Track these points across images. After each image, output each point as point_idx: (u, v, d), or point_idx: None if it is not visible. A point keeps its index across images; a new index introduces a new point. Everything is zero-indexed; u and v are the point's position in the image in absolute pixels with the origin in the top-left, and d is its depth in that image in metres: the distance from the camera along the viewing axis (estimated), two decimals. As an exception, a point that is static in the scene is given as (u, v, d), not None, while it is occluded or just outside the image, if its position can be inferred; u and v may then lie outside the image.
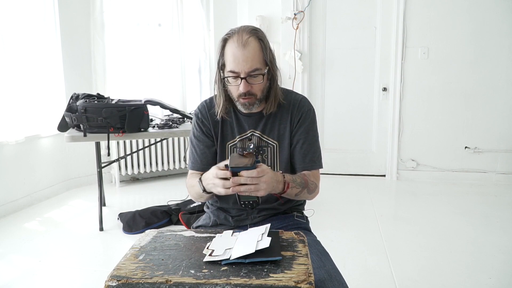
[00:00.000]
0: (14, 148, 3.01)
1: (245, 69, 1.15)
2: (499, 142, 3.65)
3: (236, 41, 1.15)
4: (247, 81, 1.17)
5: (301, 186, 1.19)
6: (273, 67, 1.22)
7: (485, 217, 2.80)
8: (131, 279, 0.79)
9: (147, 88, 3.81)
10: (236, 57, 1.15)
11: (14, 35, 2.98)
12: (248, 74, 1.16)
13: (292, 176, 1.18)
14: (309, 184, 1.22)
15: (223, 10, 4.13)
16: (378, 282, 1.94)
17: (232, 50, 1.16)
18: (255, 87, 1.19)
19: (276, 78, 1.24)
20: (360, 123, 3.95)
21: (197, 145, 1.31)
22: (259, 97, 1.22)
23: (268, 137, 1.28)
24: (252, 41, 1.15)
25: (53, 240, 2.52)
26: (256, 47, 1.16)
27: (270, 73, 1.21)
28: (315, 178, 1.26)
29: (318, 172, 1.30)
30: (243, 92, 1.17)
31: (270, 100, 1.24)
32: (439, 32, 3.60)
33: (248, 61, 1.15)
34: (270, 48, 1.21)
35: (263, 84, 1.20)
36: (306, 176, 1.23)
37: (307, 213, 1.41)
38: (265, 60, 1.18)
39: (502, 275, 2.00)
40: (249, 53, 1.14)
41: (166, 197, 3.23)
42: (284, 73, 3.94)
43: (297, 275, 0.78)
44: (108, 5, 3.58)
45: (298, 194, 1.19)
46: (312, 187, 1.24)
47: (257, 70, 1.16)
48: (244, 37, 1.15)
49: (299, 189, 1.18)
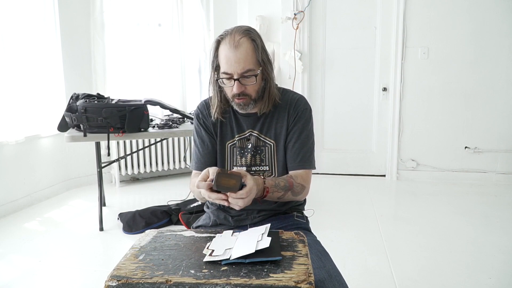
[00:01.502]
0: (14, 148, 3.01)
1: (238, 70, 1.15)
2: (499, 142, 3.65)
3: (228, 42, 1.15)
4: (240, 82, 1.17)
5: (284, 190, 1.17)
6: (267, 67, 1.21)
7: (485, 217, 2.80)
8: (131, 279, 0.79)
9: (147, 88, 3.81)
10: (228, 59, 1.15)
11: (14, 35, 2.98)
12: (241, 75, 1.16)
13: (275, 180, 1.16)
14: (294, 186, 1.20)
15: (223, 10, 4.13)
16: (378, 282, 1.94)
17: (224, 51, 1.16)
18: (249, 88, 1.19)
19: (270, 78, 1.23)
20: (360, 123, 3.95)
21: (200, 145, 1.32)
22: (253, 98, 1.21)
23: (265, 137, 1.28)
24: (245, 42, 1.15)
25: (53, 240, 2.52)
26: (249, 48, 1.16)
27: (264, 73, 1.21)
28: (303, 180, 1.24)
29: (309, 172, 1.27)
30: (236, 93, 1.18)
31: (264, 100, 1.24)
32: (439, 32, 3.60)
33: (241, 62, 1.14)
34: (263, 48, 1.20)
35: (257, 84, 1.20)
36: (292, 178, 1.21)
37: (307, 213, 1.41)
38: (258, 60, 1.18)
39: (502, 275, 2.00)
40: (241, 54, 1.14)
41: (166, 197, 3.23)
42: (284, 73, 3.94)
43: (297, 275, 0.78)
44: (108, 5, 3.58)
45: (280, 198, 1.19)
46: (298, 189, 1.21)
47: (250, 71, 1.16)
48: (236, 38, 1.15)
49: (282, 193, 1.17)
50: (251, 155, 1.28)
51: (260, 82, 1.21)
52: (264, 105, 1.24)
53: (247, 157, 1.28)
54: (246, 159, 1.28)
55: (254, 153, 1.28)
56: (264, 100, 1.24)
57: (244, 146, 1.29)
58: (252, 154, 1.28)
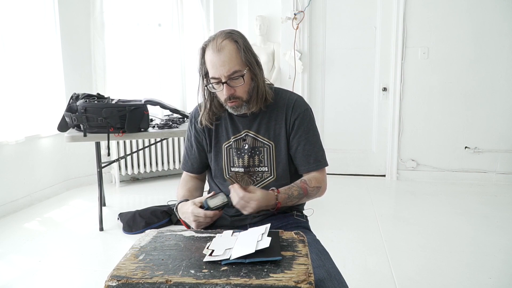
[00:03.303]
0: (14, 148, 3.01)
1: (224, 73, 1.15)
2: (499, 142, 3.65)
3: (211, 47, 1.16)
4: (229, 84, 1.17)
5: (298, 198, 1.21)
6: (254, 67, 1.20)
7: (485, 217, 2.80)
8: (131, 279, 0.79)
9: (147, 88, 3.81)
10: (213, 63, 1.16)
11: (14, 35, 2.98)
12: (228, 78, 1.16)
13: (289, 191, 1.20)
14: (308, 191, 1.23)
15: (223, 10, 4.13)
16: (378, 282, 1.94)
17: (209, 56, 1.17)
18: (238, 90, 1.19)
19: (258, 77, 1.22)
20: (360, 123, 3.95)
21: (189, 149, 1.38)
22: (245, 99, 1.21)
23: (263, 137, 1.28)
24: (227, 44, 1.15)
25: (53, 240, 2.52)
26: (232, 50, 1.16)
27: (251, 73, 1.20)
28: (317, 182, 1.26)
29: (323, 171, 1.30)
30: (226, 96, 1.18)
31: (252, 99, 1.23)
32: (439, 32, 3.60)
33: (225, 65, 1.15)
34: (247, 47, 1.20)
35: (246, 85, 1.20)
36: (306, 183, 1.23)
37: (307, 212, 1.41)
38: (243, 60, 1.18)
39: (502, 275, 2.00)
40: (225, 57, 1.15)
41: (166, 197, 3.23)
42: (284, 73, 3.94)
43: (297, 275, 0.78)
44: (108, 5, 3.58)
45: (296, 203, 1.23)
46: (313, 192, 1.25)
47: (236, 72, 1.16)
48: (219, 41, 1.15)
49: (296, 201, 1.22)
50: (249, 156, 1.28)
51: (250, 83, 1.21)
52: (253, 104, 1.23)
53: (244, 158, 1.28)
54: (243, 160, 1.28)
55: (252, 154, 1.28)
56: (252, 99, 1.23)
57: (241, 147, 1.29)
58: (249, 155, 1.28)
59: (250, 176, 1.29)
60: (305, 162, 1.27)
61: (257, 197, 1.11)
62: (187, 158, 1.39)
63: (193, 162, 1.38)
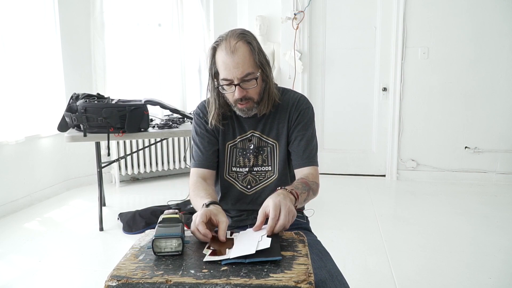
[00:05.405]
0: (14, 148, 3.01)
1: (237, 75, 1.14)
2: (499, 142, 3.65)
3: (224, 48, 1.14)
4: (241, 86, 1.16)
5: (306, 190, 1.16)
6: (265, 68, 1.20)
7: (485, 217, 2.80)
8: (131, 279, 0.79)
9: (147, 88, 3.81)
10: (227, 65, 1.14)
11: (14, 35, 2.98)
12: (242, 80, 1.15)
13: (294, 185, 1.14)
14: (310, 185, 1.20)
15: (223, 10, 4.13)
16: (378, 282, 1.94)
17: (222, 58, 1.15)
18: (251, 91, 1.18)
19: (269, 79, 1.22)
20: (360, 123, 3.95)
21: (200, 143, 1.30)
22: (256, 100, 1.21)
23: (267, 137, 1.28)
24: (241, 46, 1.14)
25: (53, 240, 2.52)
26: (246, 52, 1.15)
27: (263, 75, 1.20)
28: (314, 177, 1.24)
29: (317, 169, 1.28)
30: (238, 98, 1.17)
31: (264, 101, 1.23)
32: (439, 32, 3.60)
33: (239, 67, 1.13)
34: (260, 49, 1.19)
35: (258, 87, 1.19)
36: (304, 179, 1.21)
37: (307, 213, 1.41)
38: (256, 62, 1.17)
39: (502, 275, 2.00)
40: (239, 59, 1.13)
41: (166, 197, 3.23)
42: (284, 73, 3.94)
43: (297, 275, 0.78)
44: (108, 5, 3.58)
45: (306, 199, 1.17)
46: (314, 187, 1.22)
47: (249, 74, 1.15)
48: (232, 43, 1.14)
49: (306, 193, 1.16)
50: (254, 156, 1.28)
51: (261, 84, 1.21)
52: (264, 106, 1.24)
53: (250, 158, 1.28)
54: (248, 160, 1.28)
55: (257, 154, 1.28)
56: (263, 101, 1.23)
57: (246, 147, 1.29)
58: (254, 155, 1.28)
59: (253, 176, 1.28)
60: (299, 157, 1.25)
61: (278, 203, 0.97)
62: (200, 154, 1.28)
63: (209, 156, 1.28)
